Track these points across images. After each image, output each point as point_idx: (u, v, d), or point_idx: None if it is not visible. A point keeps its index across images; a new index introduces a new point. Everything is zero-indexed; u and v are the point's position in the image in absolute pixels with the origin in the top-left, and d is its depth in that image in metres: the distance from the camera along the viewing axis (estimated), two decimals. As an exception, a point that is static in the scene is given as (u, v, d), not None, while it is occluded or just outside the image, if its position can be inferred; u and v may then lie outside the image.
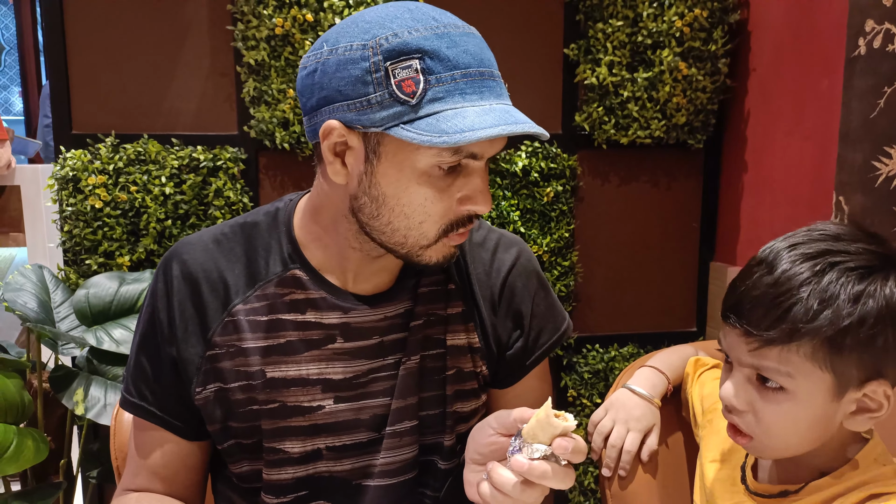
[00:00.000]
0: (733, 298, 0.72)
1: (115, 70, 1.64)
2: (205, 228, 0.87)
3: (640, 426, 0.93)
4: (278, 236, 0.83)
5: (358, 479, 0.83)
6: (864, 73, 1.33)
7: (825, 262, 0.68)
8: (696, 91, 1.79)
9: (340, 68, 0.69)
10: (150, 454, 0.84)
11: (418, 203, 0.73)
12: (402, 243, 0.76)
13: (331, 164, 0.74)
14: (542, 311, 0.90)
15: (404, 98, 0.68)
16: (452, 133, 0.66)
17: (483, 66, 0.70)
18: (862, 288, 0.66)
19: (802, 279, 0.67)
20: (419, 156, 0.70)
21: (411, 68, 0.67)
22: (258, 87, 1.64)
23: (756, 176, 1.79)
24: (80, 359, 1.51)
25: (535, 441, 0.66)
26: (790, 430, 0.71)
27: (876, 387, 0.69)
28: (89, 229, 1.60)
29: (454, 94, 0.68)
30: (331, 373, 0.81)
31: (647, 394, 0.94)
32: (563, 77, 1.81)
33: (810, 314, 0.66)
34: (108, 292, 1.50)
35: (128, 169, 1.61)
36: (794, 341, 0.67)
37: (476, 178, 0.74)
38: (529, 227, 1.80)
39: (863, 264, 0.68)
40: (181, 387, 0.81)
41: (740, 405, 0.73)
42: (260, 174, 1.74)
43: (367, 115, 0.69)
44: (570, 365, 1.90)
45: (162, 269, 0.83)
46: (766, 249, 0.73)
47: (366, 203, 0.75)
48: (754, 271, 0.72)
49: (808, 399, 0.69)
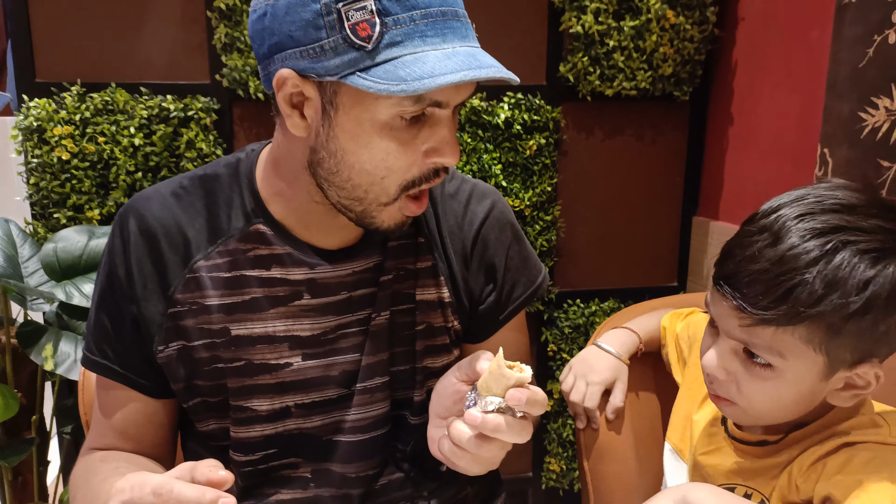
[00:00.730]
0: (730, 267, 0.66)
1: (80, 15, 1.57)
2: (162, 182, 0.83)
3: (600, 379, 0.93)
4: (240, 189, 0.80)
5: (328, 435, 0.82)
6: (854, 21, 1.29)
7: (838, 240, 0.61)
8: (684, 41, 1.74)
9: (290, 11, 0.64)
10: (116, 413, 0.82)
11: (380, 158, 0.68)
12: (360, 199, 0.71)
13: (289, 116, 0.69)
14: (516, 265, 0.88)
15: (359, 43, 0.62)
16: (411, 80, 0.61)
17: (446, 5, 0.65)
18: (873, 273, 0.61)
19: (810, 259, 0.61)
20: (379, 106, 0.65)
21: (366, 10, 0.61)
22: (230, 33, 1.57)
23: (742, 129, 1.76)
24: (49, 314, 1.48)
25: (489, 394, 0.63)
26: (773, 406, 0.69)
27: (867, 368, 0.66)
28: (56, 182, 1.55)
29: (413, 36, 0.63)
30: (298, 329, 0.79)
31: (615, 350, 0.93)
32: (547, 25, 1.75)
33: (814, 298, 0.61)
34: (78, 246, 1.46)
35: (95, 119, 1.55)
36: (793, 324, 0.62)
37: (443, 129, 0.69)
38: (511, 180, 1.76)
39: (876, 246, 0.62)
40: (143, 345, 0.79)
41: (723, 376, 0.69)
42: (234, 125, 1.68)
43: (320, 63, 0.64)
44: (550, 320, 1.89)
45: (118, 225, 0.80)
46: (771, 215, 0.66)
47: (324, 158, 0.70)
48: (756, 240, 0.65)
49: (797, 378, 0.66)
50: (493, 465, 0.67)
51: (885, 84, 1.23)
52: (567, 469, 1.95)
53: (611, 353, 0.94)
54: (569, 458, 1.94)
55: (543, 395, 0.63)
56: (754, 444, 0.75)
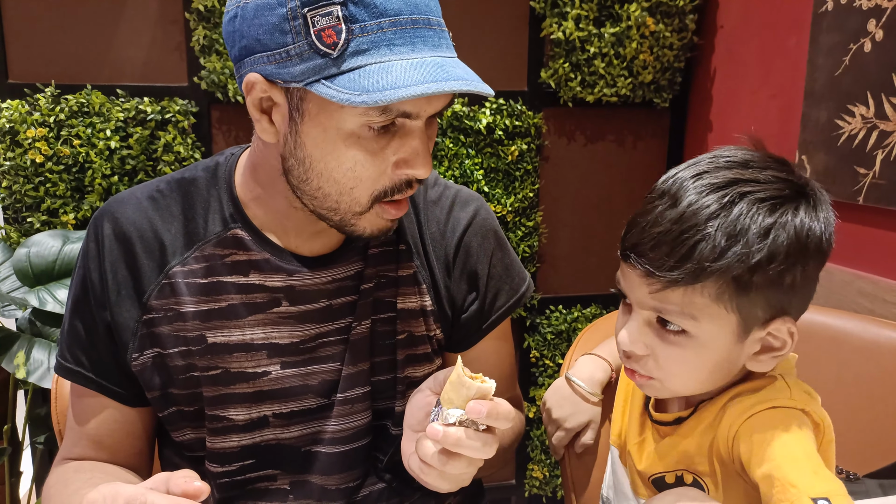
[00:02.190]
0: (634, 236, 0.66)
1: (54, 15, 1.54)
2: (138, 185, 0.81)
3: (570, 425, 0.94)
4: (218, 194, 0.78)
5: (307, 445, 0.80)
6: (831, 30, 1.31)
7: (734, 192, 0.62)
8: (663, 48, 1.75)
9: (259, 14, 0.62)
10: (90, 422, 0.79)
11: (347, 167, 0.66)
12: (334, 209, 0.70)
13: (257, 121, 0.68)
14: (500, 273, 0.87)
15: (325, 50, 0.60)
16: (374, 91, 0.59)
17: (417, 13, 0.62)
18: (772, 221, 0.61)
19: (709, 213, 0.61)
20: (345, 115, 0.63)
21: (332, 16, 0.60)
22: (208, 35, 1.56)
23: (721, 135, 1.77)
24: (21, 321, 1.44)
25: (451, 406, 0.61)
26: (692, 375, 0.67)
27: (780, 325, 0.65)
28: (30, 185, 1.52)
29: (380, 45, 0.61)
30: (277, 337, 0.78)
31: (586, 387, 0.93)
32: (528, 31, 1.75)
33: (717, 251, 0.60)
34: (52, 251, 1.42)
35: (70, 121, 1.53)
36: (700, 281, 0.61)
37: (413, 140, 0.67)
38: (493, 186, 1.76)
39: (774, 194, 0.62)
40: (117, 352, 0.77)
41: (639, 350, 0.67)
42: (212, 128, 1.66)
43: (286, 69, 0.62)
44: (533, 326, 1.89)
45: (93, 228, 0.78)
46: (669, 179, 0.66)
47: (293, 166, 0.69)
48: (656, 205, 0.65)
49: (712, 342, 0.65)
50: (463, 482, 0.65)
51: (861, 92, 1.24)
52: (550, 476, 1.95)
53: (582, 390, 0.93)
54: (552, 464, 1.94)
55: (507, 406, 0.62)
56: (670, 423, 0.74)
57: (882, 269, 1.25)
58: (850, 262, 1.29)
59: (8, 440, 1.47)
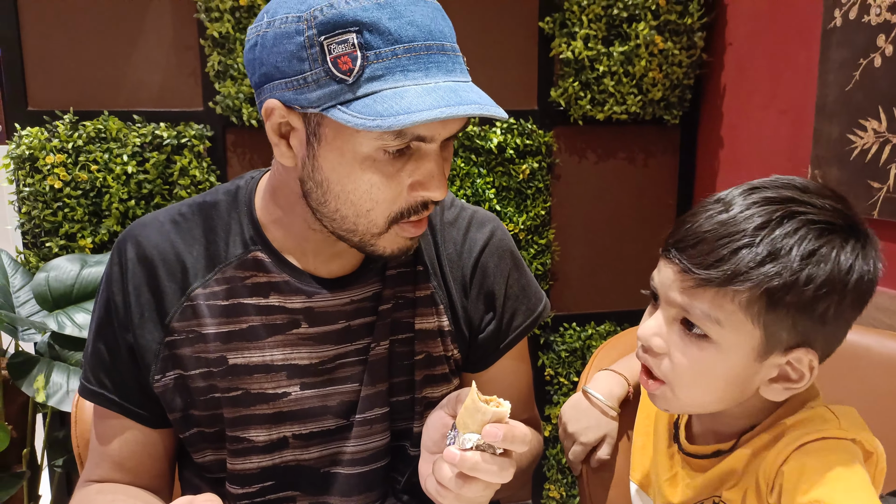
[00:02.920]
0: (679, 233, 0.66)
1: (72, 43, 1.57)
2: (161, 209, 0.83)
3: (587, 439, 0.93)
4: (238, 217, 0.79)
5: (326, 467, 0.81)
6: (840, 45, 1.32)
7: (787, 209, 0.62)
8: (672, 66, 1.76)
9: (277, 42, 0.64)
10: (112, 444, 0.80)
11: (364, 190, 0.67)
12: (352, 231, 0.71)
13: (276, 145, 0.70)
14: (516, 293, 0.87)
15: (340, 76, 0.62)
16: (388, 116, 0.60)
17: (431, 39, 0.64)
18: (817, 246, 0.61)
19: (758, 223, 0.61)
20: (360, 139, 0.65)
21: (348, 43, 0.61)
22: (223, 60, 1.58)
23: (732, 152, 1.78)
24: (41, 344, 1.46)
25: (466, 430, 0.61)
26: (703, 383, 0.67)
27: (802, 355, 0.64)
28: (49, 210, 1.54)
29: (395, 71, 0.62)
30: (296, 358, 0.78)
31: (604, 400, 0.93)
32: (538, 51, 1.77)
33: (757, 260, 0.60)
34: (70, 275, 1.44)
35: (88, 147, 1.55)
36: (733, 286, 0.61)
37: (428, 163, 0.67)
38: (505, 204, 1.77)
39: (825, 219, 0.62)
40: (140, 374, 0.78)
41: (658, 345, 0.67)
42: (227, 152, 1.68)
43: (304, 95, 0.64)
44: (547, 344, 1.89)
45: (116, 252, 0.79)
46: (726, 191, 0.67)
47: (312, 188, 0.70)
48: (708, 209, 0.66)
49: (731, 352, 0.64)
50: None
51: (872, 106, 1.24)
52: (567, 496, 1.93)
53: (600, 403, 0.93)
54: (568, 484, 1.92)
55: (524, 429, 0.62)
56: (709, 456, 0.73)
57: (899, 284, 1.25)
58: (866, 277, 1.29)
59: (27, 464, 1.48)
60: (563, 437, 0.97)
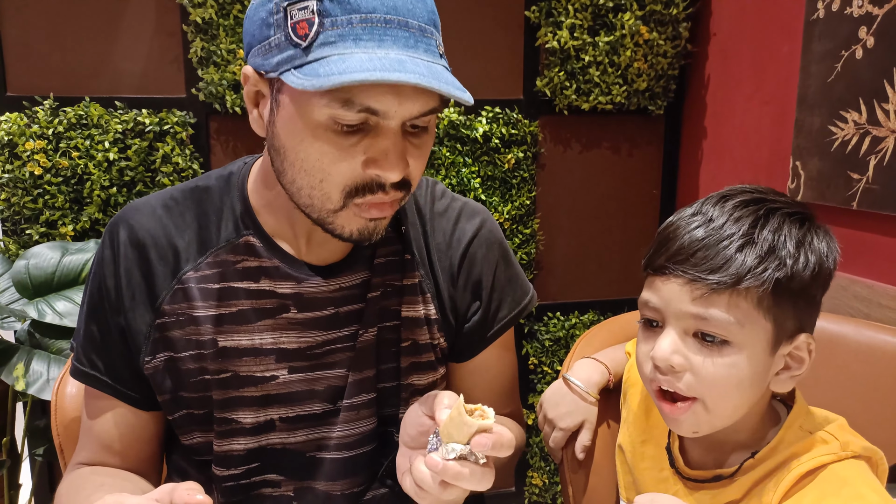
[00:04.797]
0: (671, 249, 0.67)
1: (52, 28, 1.55)
2: (154, 193, 0.83)
3: (565, 424, 0.94)
4: (231, 201, 0.79)
5: (312, 451, 0.81)
6: (823, 37, 1.33)
7: (765, 207, 0.66)
8: (657, 56, 1.77)
9: (255, 11, 0.67)
10: (103, 426, 0.80)
11: (315, 158, 0.67)
12: (309, 205, 0.70)
13: (251, 113, 0.71)
14: (504, 283, 0.88)
15: (297, 41, 0.63)
16: (324, 76, 0.60)
17: (394, 14, 0.63)
18: (802, 234, 0.66)
19: (750, 222, 0.65)
20: (312, 106, 0.65)
21: (308, 9, 0.63)
22: (206, 47, 1.57)
23: (715, 142, 1.79)
24: (21, 333, 1.44)
25: (451, 440, 0.61)
26: (734, 389, 0.67)
27: (802, 340, 0.67)
28: (29, 197, 1.52)
29: (347, 38, 0.62)
30: (285, 342, 0.78)
31: (583, 386, 0.94)
32: (524, 41, 1.77)
33: (762, 255, 0.64)
34: (51, 263, 1.43)
35: (69, 133, 1.53)
36: (744, 284, 0.63)
37: (384, 140, 0.66)
38: (490, 194, 1.77)
39: (797, 210, 0.67)
40: (131, 356, 0.78)
41: (679, 363, 0.66)
42: (210, 139, 1.67)
43: (268, 60, 0.66)
44: (531, 333, 1.90)
45: (108, 235, 0.79)
46: (692, 207, 0.69)
47: (274, 157, 0.71)
48: (690, 222, 0.67)
49: (751, 351, 0.65)
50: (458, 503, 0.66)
51: (853, 98, 1.26)
52: (550, 483, 1.95)
53: (579, 389, 0.94)
54: (551, 472, 1.94)
55: (509, 436, 0.62)
56: (710, 480, 0.73)
57: (877, 274, 1.27)
58: (845, 267, 1.31)
59: (7, 452, 1.46)
60: (543, 423, 0.98)
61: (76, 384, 0.94)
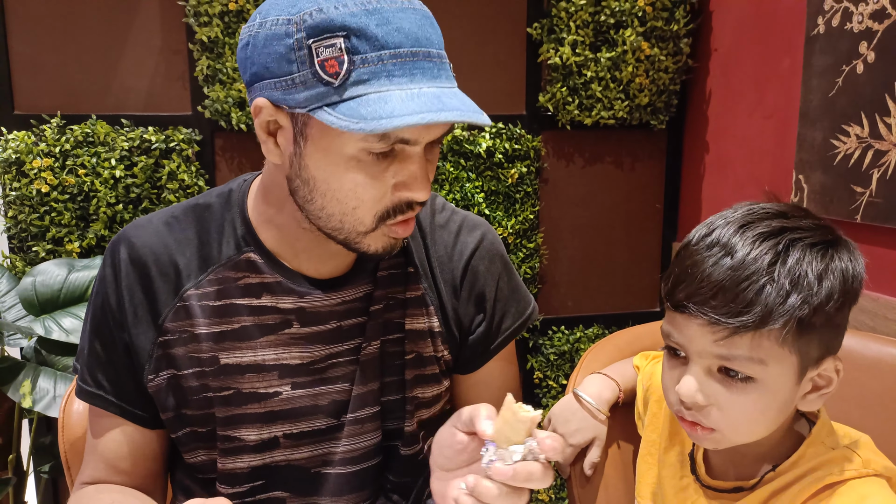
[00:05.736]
0: (689, 287, 0.66)
1: (59, 47, 1.57)
2: (155, 211, 0.83)
3: (576, 441, 0.93)
4: (231, 218, 0.80)
5: (317, 467, 0.81)
6: (824, 52, 1.34)
7: (786, 239, 0.64)
8: (659, 71, 1.78)
9: (268, 44, 0.66)
10: (109, 445, 0.81)
11: (348, 188, 0.68)
12: (338, 229, 0.72)
13: (264, 143, 0.71)
14: (506, 295, 0.88)
15: (327, 79, 0.63)
16: (371, 119, 0.61)
17: (418, 46, 0.65)
18: (824, 265, 0.64)
19: (769, 260, 0.63)
20: (345, 140, 0.66)
21: (335, 47, 0.63)
22: (212, 65, 1.58)
23: (717, 156, 1.80)
24: (27, 350, 1.45)
25: (509, 443, 0.61)
26: (758, 421, 0.68)
27: (828, 363, 0.67)
28: (36, 215, 1.54)
29: (380, 76, 0.63)
30: (288, 358, 0.79)
31: (594, 403, 0.93)
32: (526, 57, 1.78)
33: (784, 294, 0.62)
34: (57, 280, 1.43)
35: (75, 151, 1.54)
36: (768, 326, 0.62)
37: (412, 164, 0.69)
38: (494, 209, 1.78)
39: (820, 240, 0.65)
40: (136, 374, 0.78)
41: (703, 400, 0.67)
42: (216, 156, 1.68)
43: (291, 95, 0.65)
44: (535, 347, 1.90)
45: (109, 254, 0.80)
46: (711, 234, 0.67)
47: (299, 186, 0.71)
48: (706, 256, 0.66)
49: (777, 385, 0.66)
50: None
51: (855, 112, 1.27)
52: (556, 498, 1.94)
53: (590, 406, 0.93)
54: (557, 486, 1.93)
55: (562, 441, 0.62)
56: (730, 490, 0.74)
57: (882, 287, 1.27)
58: (849, 280, 1.31)
59: (13, 470, 1.46)
60: None
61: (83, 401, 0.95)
